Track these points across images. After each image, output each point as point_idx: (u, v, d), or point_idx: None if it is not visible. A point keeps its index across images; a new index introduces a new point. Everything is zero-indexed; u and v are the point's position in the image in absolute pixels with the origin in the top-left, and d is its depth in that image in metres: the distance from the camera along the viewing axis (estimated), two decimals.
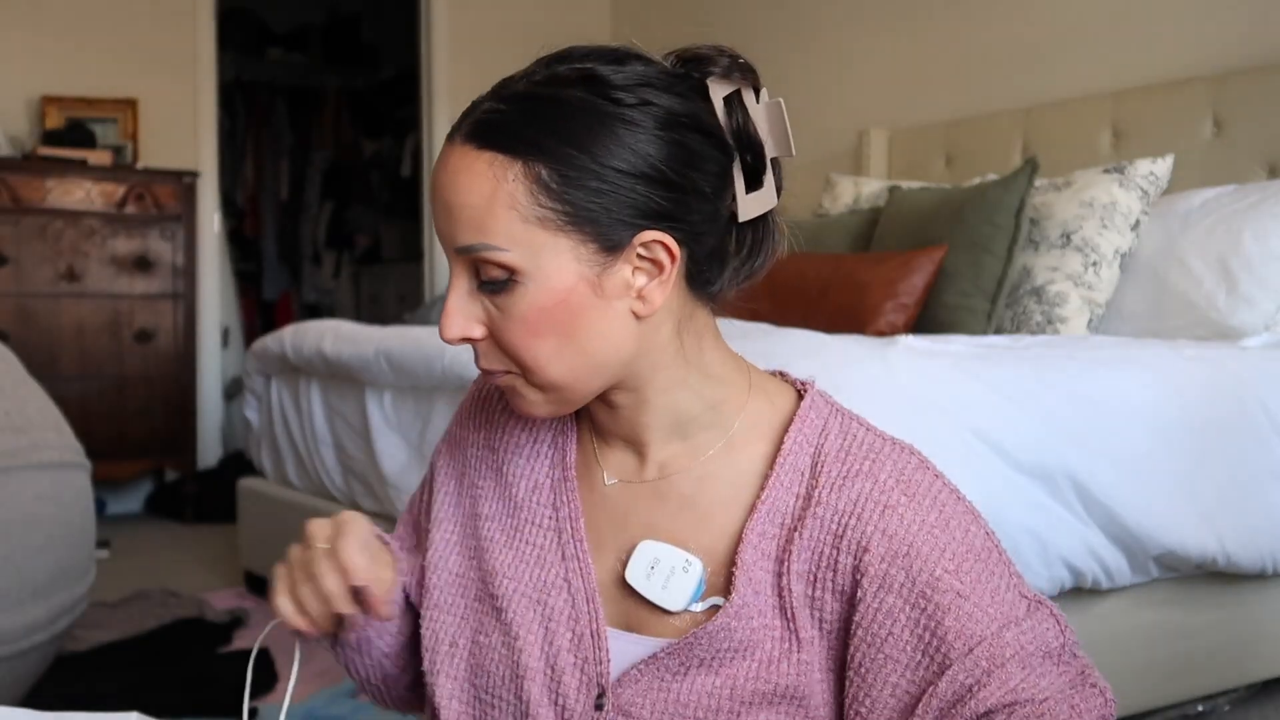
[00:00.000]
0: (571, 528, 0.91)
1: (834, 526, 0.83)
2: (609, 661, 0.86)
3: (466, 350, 2.52)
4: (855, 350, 1.65)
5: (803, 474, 0.86)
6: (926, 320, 2.48)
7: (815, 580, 0.83)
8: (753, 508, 0.86)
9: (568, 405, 0.86)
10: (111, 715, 0.99)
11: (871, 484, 0.83)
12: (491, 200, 0.78)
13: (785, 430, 0.89)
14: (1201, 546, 1.74)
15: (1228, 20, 2.81)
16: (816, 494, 0.84)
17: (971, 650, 0.78)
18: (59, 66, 4.17)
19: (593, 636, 0.87)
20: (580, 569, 0.90)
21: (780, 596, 0.84)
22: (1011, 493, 1.56)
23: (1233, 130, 2.70)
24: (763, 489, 0.86)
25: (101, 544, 3.34)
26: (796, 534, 0.84)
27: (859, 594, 0.81)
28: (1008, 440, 1.57)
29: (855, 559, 0.82)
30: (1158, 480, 1.71)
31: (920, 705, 0.79)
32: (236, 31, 6.03)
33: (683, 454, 0.90)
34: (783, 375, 0.95)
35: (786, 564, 0.84)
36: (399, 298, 6.21)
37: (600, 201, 0.79)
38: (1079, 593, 1.70)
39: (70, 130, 4.04)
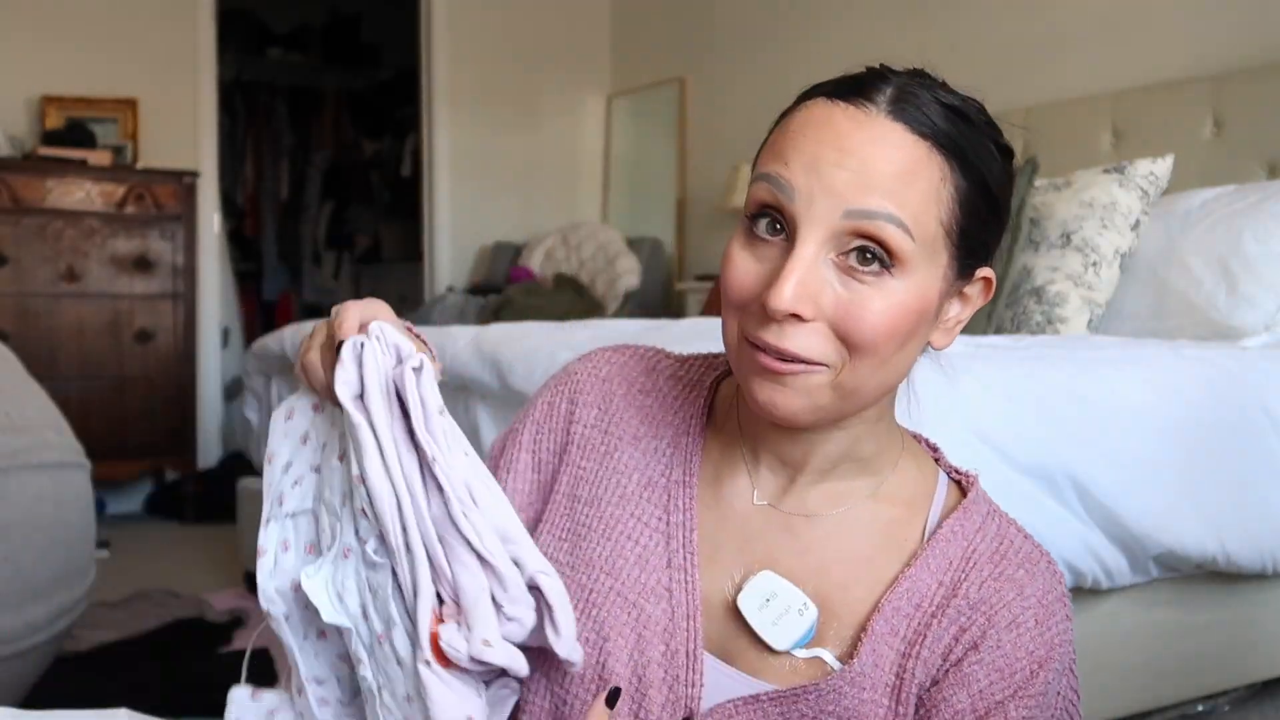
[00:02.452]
0: (684, 536, 0.87)
1: (962, 620, 0.82)
2: (701, 685, 0.83)
3: (467, 349, 2.49)
4: None
5: (951, 563, 0.84)
6: None
7: (932, 667, 0.82)
8: (894, 580, 0.84)
9: (831, 417, 0.80)
10: (100, 712, 0.98)
11: (1016, 594, 0.82)
12: (919, 186, 0.75)
13: (927, 503, 0.88)
14: (1201, 546, 1.74)
15: (1228, 20, 2.81)
16: (964, 588, 0.83)
17: None
18: (59, 66, 4.16)
19: (687, 656, 0.83)
20: (685, 581, 0.85)
21: (900, 678, 0.81)
22: (1011, 493, 1.56)
23: (1233, 130, 2.70)
24: (909, 565, 0.84)
25: (101, 544, 3.34)
26: (936, 620, 0.82)
27: (941, 682, 0.81)
28: (1008, 440, 1.57)
29: (962, 651, 0.81)
30: (1158, 480, 1.70)
31: None
32: (236, 31, 6.02)
33: (830, 494, 0.87)
34: (929, 444, 0.94)
35: (919, 647, 0.82)
36: (399, 298, 6.21)
37: (983, 232, 0.80)
38: (1079, 593, 1.70)
39: (70, 130, 4.04)
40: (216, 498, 4.02)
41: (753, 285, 0.77)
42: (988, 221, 0.80)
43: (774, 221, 0.77)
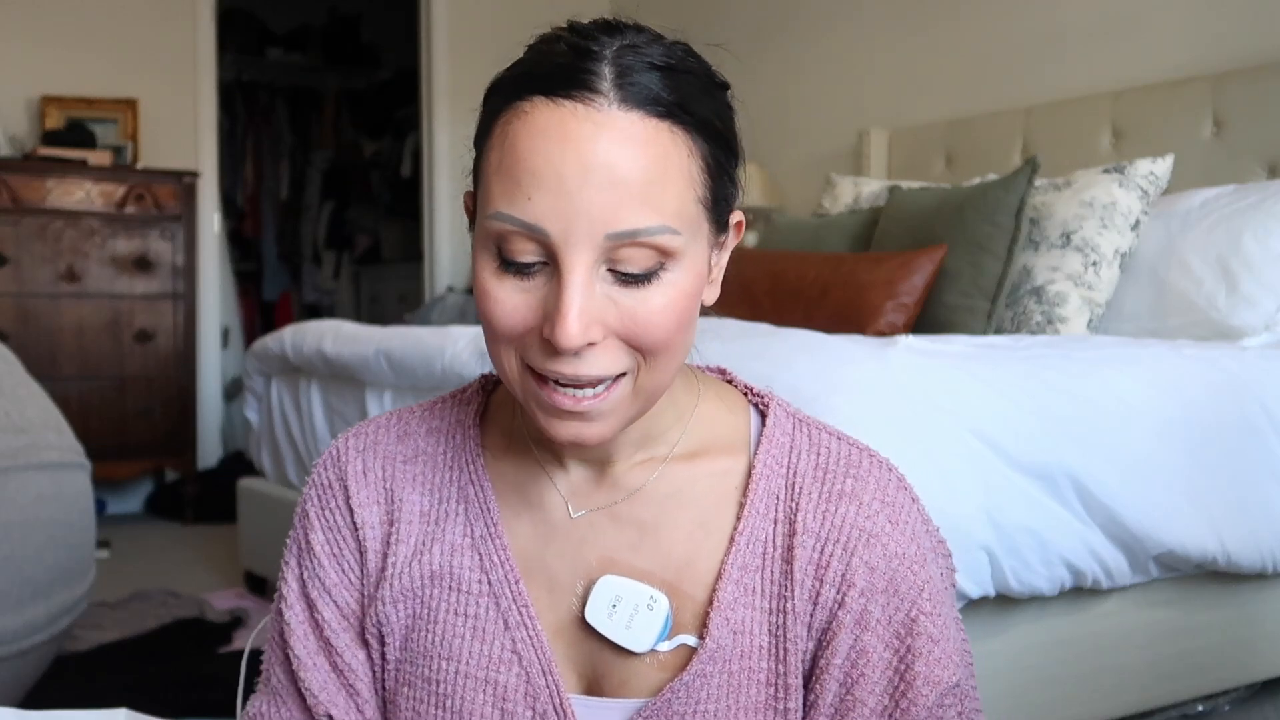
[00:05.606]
0: (511, 590, 0.81)
1: (817, 557, 0.78)
2: None
3: (467, 349, 2.49)
4: (855, 350, 1.65)
5: (778, 498, 0.80)
6: (926, 320, 2.48)
7: (807, 617, 0.78)
8: (730, 540, 0.80)
9: (637, 418, 0.77)
10: (100, 712, 0.98)
11: (855, 508, 0.79)
12: (671, 175, 0.70)
13: (746, 440, 0.83)
14: (1201, 546, 1.74)
15: (1228, 20, 2.81)
16: (800, 520, 0.79)
17: (939, 703, 0.76)
18: (59, 66, 4.17)
19: (557, 713, 0.79)
20: (530, 637, 0.80)
21: (773, 636, 0.78)
22: (1011, 493, 1.56)
23: (1233, 130, 2.70)
24: (739, 518, 0.80)
25: (101, 544, 3.34)
26: (787, 565, 0.78)
27: (833, 628, 0.78)
28: (1008, 440, 1.57)
29: (839, 592, 0.78)
30: (1158, 480, 1.71)
31: None
32: (236, 31, 6.03)
33: (641, 468, 0.82)
34: (723, 373, 0.89)
35: (787, 600, 0.78)
36: (399, 298, 6.21)
37: (728, 183, 0.76)
38: (1079, 592, 1.70)
39: (70, 130, 4.04)
40: (216, 498, 4.02)
41: (525, 320, 0.71)
42: (728, 168, 0.75)
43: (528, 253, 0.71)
